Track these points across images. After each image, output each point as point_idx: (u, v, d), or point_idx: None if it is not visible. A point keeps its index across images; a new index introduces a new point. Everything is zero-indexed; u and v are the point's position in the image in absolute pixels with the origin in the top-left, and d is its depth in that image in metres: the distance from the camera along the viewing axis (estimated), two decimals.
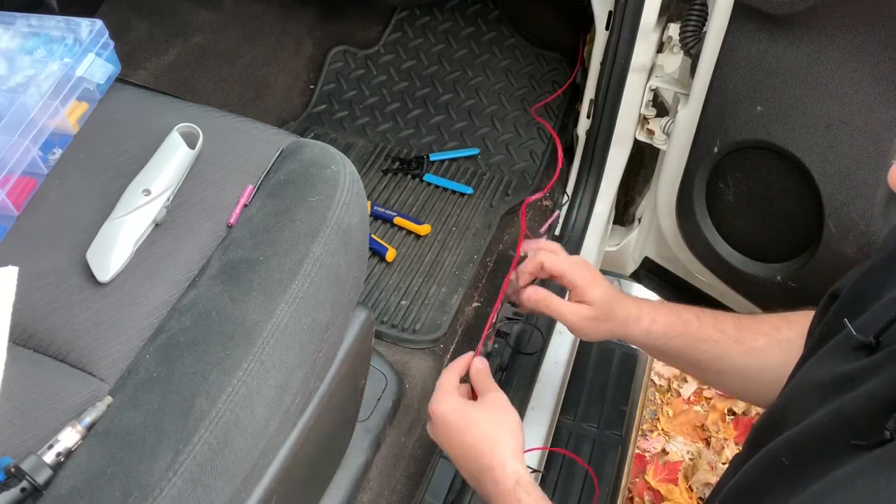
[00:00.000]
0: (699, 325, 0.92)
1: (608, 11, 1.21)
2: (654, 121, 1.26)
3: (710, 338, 0.90)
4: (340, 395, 0.84)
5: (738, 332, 0.89)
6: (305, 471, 0.82)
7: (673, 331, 0.93)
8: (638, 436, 1.51)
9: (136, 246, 0.72)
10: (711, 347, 0.90)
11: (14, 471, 0.57)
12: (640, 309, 0.95)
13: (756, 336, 0.88)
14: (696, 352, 0.91)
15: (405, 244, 1.31)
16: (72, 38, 0.84)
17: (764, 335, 0.88)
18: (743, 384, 0.91)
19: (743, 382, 0.90)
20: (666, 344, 0.94)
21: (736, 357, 0.88)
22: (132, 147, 0.79)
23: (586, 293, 0.97)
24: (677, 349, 0.93)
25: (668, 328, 0.93)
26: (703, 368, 0.93)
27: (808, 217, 1.06)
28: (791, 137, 1.03)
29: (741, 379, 0.90)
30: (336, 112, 1.55)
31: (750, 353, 0.87)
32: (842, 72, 0.95)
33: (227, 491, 0.61)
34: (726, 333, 0.90)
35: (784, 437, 0.59)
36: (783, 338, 0.86)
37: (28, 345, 0.68)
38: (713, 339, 0.90)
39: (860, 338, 0.58)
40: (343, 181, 0.75)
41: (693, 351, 0.91)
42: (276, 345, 0.65)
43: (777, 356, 0.86)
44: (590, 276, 0.98)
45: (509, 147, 1.47)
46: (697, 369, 0.95)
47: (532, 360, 1.15)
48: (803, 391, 0.63)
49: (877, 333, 0.57)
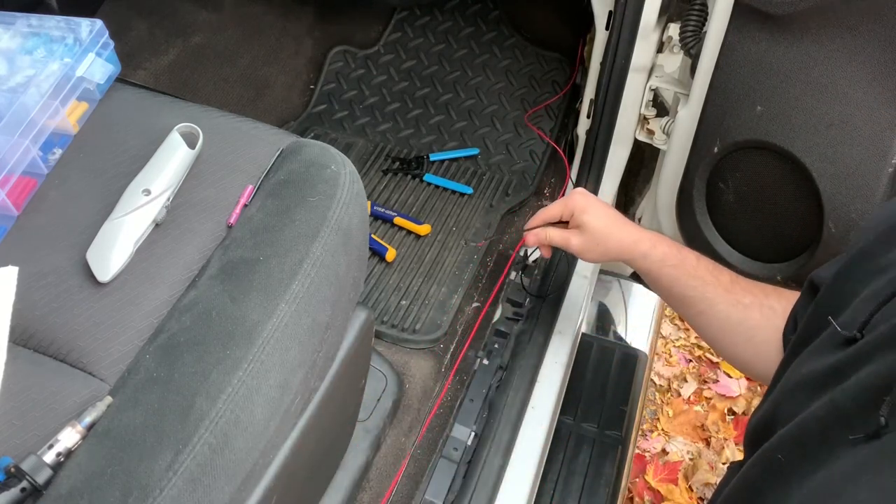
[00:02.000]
0: (696, 263, 0.96)
1: (608, 11, 1.21)
2: (654, 121, 1.26)
3: (703, 278, 0.94)
4: (340, 395, 0.84)
5: (730, 284, 0.93)
6: (305, 471, 0.82)
7: (670, 260, 0.97)
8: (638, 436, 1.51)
9: (136, 246, 0.72)
10: (701, 286, 0.93)
11: (14, 471, 0.57)
12: (642, 234, 1.00)
13: (745, 293, 0.91)
14: (685, 286, 0.95)
15: (405, 244, 1.31)
16: (72, 38, 0.84)
17: (752, 295, 0.91)
18: (717, 332, 0.94)
19: (718, 330, 0.93)
20: (660, 270, 0.97)
21: (720, 303, 0.91)
22: (132, 147, 0.79)
23: (580, 218, 1.02)
24: (670, 279, 0.96)
25: (667, 256, 0.97)
26: (689, 305, 0.96)
27: (808, 217, 1.06)
28: (791, 137, 1.03)
29: (718, 326, 0.93)
30: (336, 112, 1.55)
31: (735, 304, 0.90)
32: (842, 72, 0.95)
33: (227, 491, 0.61)
34: (719, 280, 0.93)
35: (778, 435, 0.59)
36: (768, 304, 0.89)
37: (28, 345, 0.68)
38: (705, 280, 0.93)
39: (845, 333, 0.59)
40: (343, 181, 0.75)
41: (683, 284, 0.95)
42: (276, 345, 0.65)
43: (757, 317, 0.89)
44: (583, 203, 1.03)
45: (509, 147, 1.47)
46: (683, 305, 0.98)
47: (532, 361, 1.15)
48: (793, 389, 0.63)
49: (860, 327, 0.58)
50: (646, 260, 0.98)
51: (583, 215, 1.02)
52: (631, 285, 1.60)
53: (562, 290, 1.27)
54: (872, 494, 0.46)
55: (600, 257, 1.04)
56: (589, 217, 1.01)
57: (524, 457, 1.08)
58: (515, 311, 1.21)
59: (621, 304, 1.68)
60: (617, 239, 1.00)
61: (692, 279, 0.94)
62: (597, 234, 1.01)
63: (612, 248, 1.01)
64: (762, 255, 1.18)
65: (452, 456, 1.05)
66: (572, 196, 1.05)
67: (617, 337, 1.59)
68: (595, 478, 1.33)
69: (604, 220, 1.01)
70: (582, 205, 1.03)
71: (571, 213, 1.04)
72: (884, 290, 0.59)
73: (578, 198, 1.04)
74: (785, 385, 0.66)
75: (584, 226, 1.02)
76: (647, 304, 1.69)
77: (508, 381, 1.13)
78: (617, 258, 1.02)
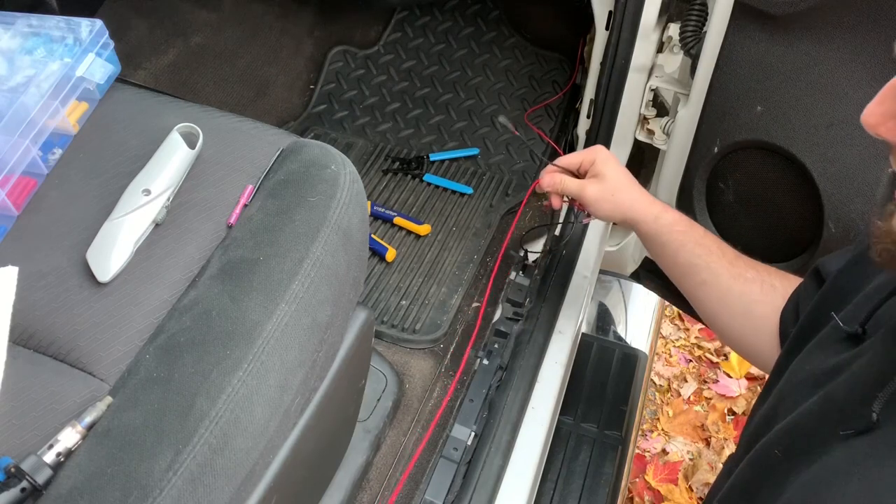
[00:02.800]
0: (704, 234, 0.96)
1: (608, 11, 1.21)
2: (654, 121, 1.26)
3: (709, 247, 0.94)
4: (340, 395, 0.84)
5: (734, 258, 0.93)
6: (305, 471, 0.82)
7: (679, 225, 0.97)
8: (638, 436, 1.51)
9: (136, 246, 0.72)
10: (706, 255, 0.93)
11: (14, 471, 0.57)
12: (653, 199, 1.00)
13: (748, 268, 0.92)
14: (691, 253, 0.95)
15: (405, 244, 1.31)
16: (72, 38, 0.84)
17: (755, 270, 0.91)
18: (716, 304, 0.94)
19: (717, 301, 0.94)
20: (669, 234, 0.97)
21: (723, 275, 0.92)
22: (132, 147, 0.79)
23: (599, 168, 1.02)
24: (677, 244, 0.96)
25: (676, 222, 0.97)
26: (692, 272, 0.95)
27: (808, 217, 1.06)
28: (791, 137, 1.03)
29: (718, 298, 0.93)
30: (336, 112, 1.55)
31: (737, 277, 0.91)
32: (842, 72, 0.95)
33: (227, 491, 0.61)
34: (724, 253, 0.93)
35: (775, 430, 0.60)
36: (769, 281, 0.89)
37: (28, 345, 0.68)
38: (711, 250, 0.94)
39: (846, 328, 0.60)
40: (343, 181, 0.75)
41: (689, 251, 0.95)
42: (276, 345, 0.65)
43: (757, 291, 0.89)
44: (604, 155, 1.03)
45: (509, 147, 1.47)
46: (686, 273, 0.97)
47: (532, 361, 1.15)
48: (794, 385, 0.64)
49: (862, 322, 0.59)
50: (657, 221, 0.97)
51: (604, 165, 1.01)
52: (631, 285, 1.60)
53: (562, 290, 1.27)
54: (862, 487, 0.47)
55: (611, 211, 1.02)
56: (609, 168, 1.01)
57: (524, 457, 1.08)
58: (515, 311, 1.21)
59: (621, 304, 1.68)
60: (631, 196, 1.00)
61: (699, 247, 0.94)
62: (614, 185, 1.00)
63: (625, 202, 1.00)
64: (762, 255, 1.17)
65: (452, 456, 1.05)
66: (595, 148, 1.04)
67: (617, 337, 1.59)
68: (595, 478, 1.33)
69: (623, 174, 1.01)
70: (604, 155, 1.02)
71: (592, 162, 1.03)
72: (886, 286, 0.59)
73: (601, 150, 1.04)
74: (788, 381, 0.66)
75: (602, 175, 1.01)
76: (647, 304, 1.69)
77: (508, 381, 1.13)
78: (627, 214, 1.01)
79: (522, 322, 1.20)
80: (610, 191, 1.00)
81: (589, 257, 1.35)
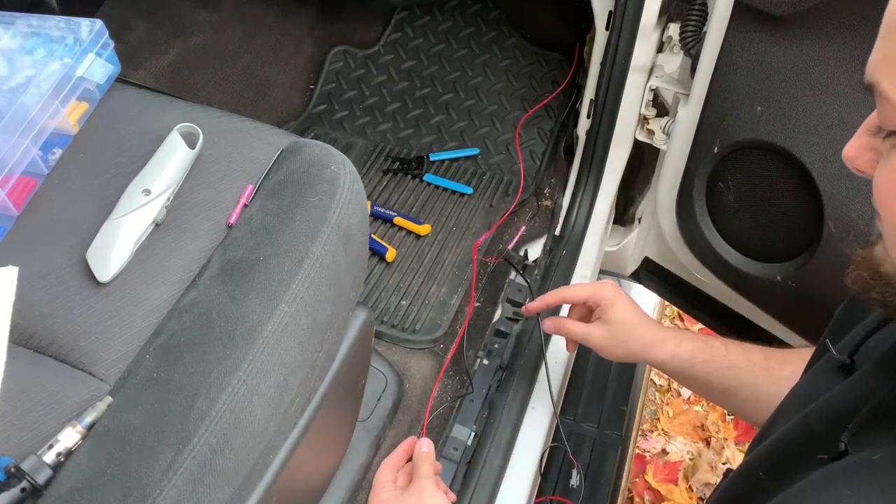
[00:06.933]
0: (726, 352, 0.92)
1: (608, 11, 1.21)
2: (654, 121, 1.26)
3: (737, 364, 0.90)
4: (340, 395, 0.84)
5: (764, 362, 0.90)
6: (305, 471, 0.82)
7: (700, 356, 0.93)
8: (638, 436, 1.51)
9: (136, 246, 0.72)
10: (738, 374, 0.90)
11: (14, 471, 0.57)
12: (666, 333, 0.95)
13: (783, 365, 0.88)
14: (722, 378, 0.91)
15: (405, 244, 1.31)
16: (72, 38, 0.84)
17: (790, 364, 0.87)
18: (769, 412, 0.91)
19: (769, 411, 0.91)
20: (692, 369, 0.93)
21: (762, 384, 0.88)
22: (132, 147, 0.79)
23: (606, 312, 0.97)
24: (704, 375, 0.93)
25: (695, 353, 0.93)
26: (731, 395, 0.92)
27: (808, 217, 1.06)
28: (791, 137, 1.03)
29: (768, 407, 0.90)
30: (336, 112, 1.55)
31: (776, 381, 0.87)
32: (842, 72, 0.95)
33: (227, 491, 0.61)
34: (753, 362, 0.90)
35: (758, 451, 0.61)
36: None
37: (28, 345, 0.68)
38: (740, 367, 0.90)
39: (838, 357, 0.60)
40: (343, 181, 0.75)
41: (719, 377, 0.91)
42: (276, 345, 0.65)
43: None
44: (611, 295, 0.98)
45: (509, 147, 1.47)
46: (724, 397, 0.94)
47: (532, 360, 1.15)
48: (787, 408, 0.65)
49: (850, 353, 0.59)
50: (675, 360, 0.94)
51: (611, 307, 0.96)
52: (631, 285, 1.60)
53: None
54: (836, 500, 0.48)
55: (623, 356, 0.98)
56: (617, 312, 0.96)
57: (524, 457, 1.08)
58: (515, 311, 1.21)
59: None
60: (642, 339, 0.95)
61: (727, 370, 0.90)
62: (622, 330, 0.96)
63: (636, 348, 0.96)
64: (762, 255, 1.18)
65: (452, 456, 1.05)
66: (603, 285, 0.99)
67: None
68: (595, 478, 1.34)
69: (632, 316, 0.96)
70: (611, 296, 0.97)
71: (598, 303, 0.98)
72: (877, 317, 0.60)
73: (609, 289, 0.98)
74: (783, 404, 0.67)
75: (609, 320, 0.96)
76: (647, 304, 1.69)
77: (508, 381, 1.13)
78: (641, 358, 0.97)
79: (522, 322, 1.20)
80: (619, 337, 0.96)
81: (589, 257, 1.35)
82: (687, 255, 1.31)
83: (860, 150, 0.48)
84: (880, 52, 0.44)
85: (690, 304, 1.46)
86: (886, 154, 0.46)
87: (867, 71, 0.45)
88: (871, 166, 0.48)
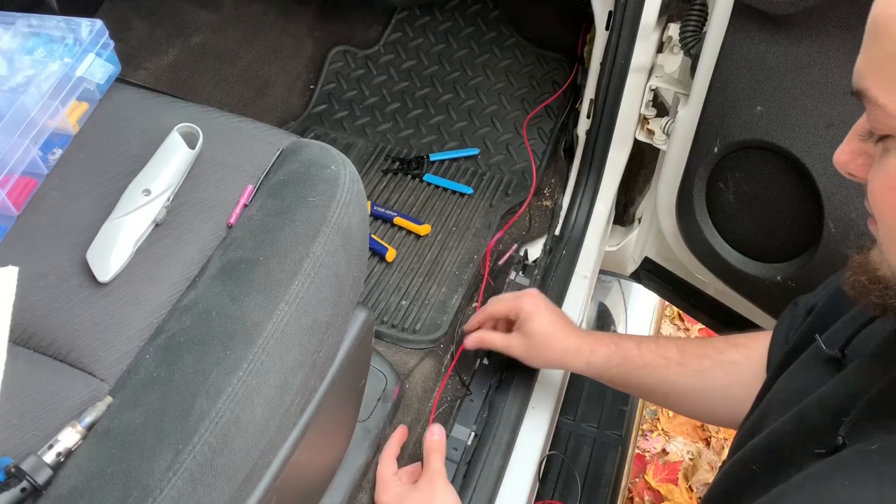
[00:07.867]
0: (639, 352, 0.95)
1: (608, 11, 1.21)
2: (654, 121, 1.26)
3: (651, 363, 0.94)
4: (340, 395, 0.84)
5: (680, 357, 0.92)
6: (305, 471, 0.82)
7: (613, 360, 0.96)
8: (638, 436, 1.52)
9: (136, 246, 0.72)
10: (652, 372, 0.93)
11: (14, 471, 0.57)
12: (581, 342, 0.99)
13: (699, 359, 0.91)
14: (638, 378, 0.95)
15: (405, 244, 1.31)
16: (72, 38, 0.84)
17: (707, 358, 0.90)
18: (690, 405, 0.94)
19: (690, 404, 0.94)
20: (609, 373, 0.97)
21: (679, 380, 0.91)
22: (132, 147, 0.79)
23: (524, 324, 1.01)
24: (622, 377, 0.96)
25: (609, 358, 0.97)
26: (650, 392, 0.96)
27: (808, 217, 1.06)
28: (791, 137, 1.03)
29: (687, 401, 0.93)
30: (336, 112, 1.55)
31: (693, 375, 0.90)
32: (842, 72, 0.95)
33: (227, 491, 0.61)
34: (668, 358, 0.93)
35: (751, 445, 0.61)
36: (727, 360, 0.89)
37: (28, 345, 0.68)
38: (654, 365, 0.93)
39: (828, 351, 0.61)
40: (343, 181, 0.75)
41: (636, 377, 0.95)
42: (276, 345, 0.65)
43: (721, 377, 0.89)
44: (529, 308, 1.02)
45: (509, 147, 1.47)
46: (647, 394, 0.99)
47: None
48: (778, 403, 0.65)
49: (841, 346, 0.60)
50: (591, 367, 0.98)
51: (528, 321, 1.01)
52: (631, 285, 1.61)
53: (562, 290, 1.27)
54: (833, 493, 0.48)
55: (542, 364, 1.04)
56: (533, 324, 1.00)
57: (524, 457, 1.08)
58: None
59: (621, 304, 1.68)
60: (558, 348, 0.99)
61: (641, 369, 0.94)
62: (538, 342, 1.00)
63: (552, 357, 1.00)
64: (762, 255, 1.18)
65: (452, 456, 1.05)
66: (522, 297, 1.04)
67: None
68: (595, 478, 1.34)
69: (548, 327, 1.00)
70: (529, 309, 1.01)
71: (517, 316, 1.03)
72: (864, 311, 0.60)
73: (527, 301, 1.03)
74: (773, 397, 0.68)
75: (527, 332, 1.01)
76: (647, 304, 1.69)
77: (508, 381, 1.13)
78: (559, 366, 1.02)
79: None
80: (535, 347, 1.00)
81: (589, 257, 1.35)
82: (687, 254, 1.31)
83: (852, 154, 0.49)
84: (865, 59, 0.44)
85: (690, 304, 1.46)
86: (879, 157, 0.46)
87: (854, 78, 0.45)
88: (864, 170, 0.48)
